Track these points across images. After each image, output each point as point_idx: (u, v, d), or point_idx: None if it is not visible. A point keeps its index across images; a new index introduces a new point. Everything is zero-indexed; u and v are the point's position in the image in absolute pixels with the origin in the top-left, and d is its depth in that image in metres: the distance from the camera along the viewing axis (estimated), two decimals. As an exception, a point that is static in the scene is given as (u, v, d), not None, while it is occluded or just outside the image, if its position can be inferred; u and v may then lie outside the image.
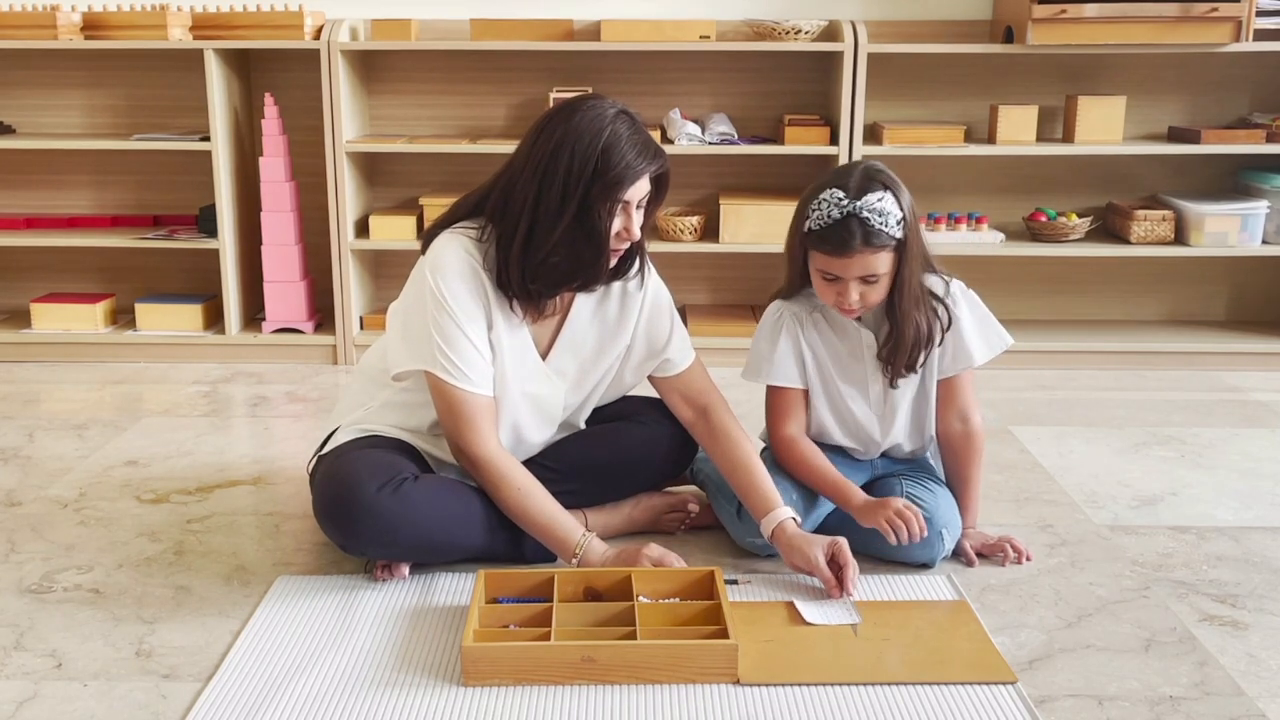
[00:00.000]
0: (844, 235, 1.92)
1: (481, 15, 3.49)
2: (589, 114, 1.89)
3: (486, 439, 1.97)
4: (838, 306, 2.02)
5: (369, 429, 2.10)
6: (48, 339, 3.55)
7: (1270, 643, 1.85)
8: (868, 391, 2.13)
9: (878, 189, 1.94)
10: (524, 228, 1.91)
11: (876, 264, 1.95)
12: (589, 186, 1.87)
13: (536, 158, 1.90)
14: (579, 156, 1.87)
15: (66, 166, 3.71)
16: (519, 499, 1.98)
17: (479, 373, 1.96)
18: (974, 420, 2.13)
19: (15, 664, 1.78)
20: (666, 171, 1.97)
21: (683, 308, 3.74)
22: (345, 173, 3.43)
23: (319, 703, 1.66)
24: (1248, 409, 3.10)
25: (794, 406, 2.15)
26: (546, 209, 1.89)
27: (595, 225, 1.89)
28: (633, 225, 1.94)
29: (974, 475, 2.16)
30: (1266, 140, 3.37)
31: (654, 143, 1.94)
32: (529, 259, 1.93)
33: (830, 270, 1.98)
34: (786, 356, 2.12)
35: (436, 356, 1.94)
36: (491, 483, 1.99)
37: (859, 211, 1.91)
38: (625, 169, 1.87)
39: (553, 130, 1.90)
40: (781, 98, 3.62)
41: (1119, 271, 3.73)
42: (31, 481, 2.55)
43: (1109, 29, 3.23)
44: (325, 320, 3.62)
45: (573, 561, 1.97)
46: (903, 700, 1.67)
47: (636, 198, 1.93)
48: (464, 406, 1.96)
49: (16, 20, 3.37)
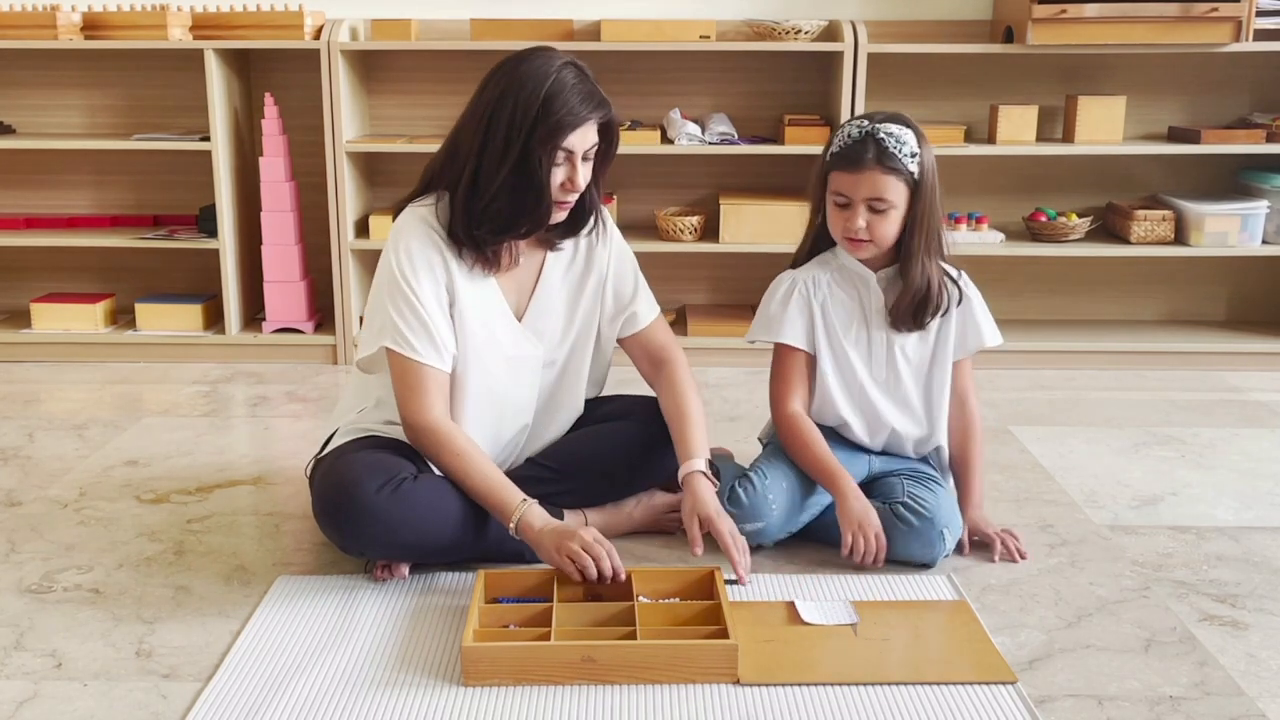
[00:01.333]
0: (858, 151, 2.01)
1: (481, 15, 3.49)
2: (535, 62, 1.92)
3: (429, 407, 1.96)
4: (846, 236, 2.06)
5: (368, 429, 2.10)
6: (48, 339, 3.55)
7: (1270, 643, 1.85)
8: (873, 357, 2.15)
9: (899, 123, 2.03)
10: (468, 174, 1.94)
11: (885, 186, 2.00)
12: (531, 132, 1.89)
13: (481, 105, 1.94)
14: (522, 102, 1.89)
15: (66, 166, 3.71)
16: (458, 464, 1.96)
17: (427, 344, 1.96)
18: (970, 402, 2.20)
19: (15, 664, 1.78)
20: (612, 122, 1.98)
21: (682, 308, 3.75)
22: (345, 173, 3.43)
23: (319, 703, 1.66)
24: (1248, 409, 3.10)
25: (799, 374, 2.16)
26: (490, 155, 1.92)
27: (536, 171, 1.91)
28: (577, 176, 1.95)
29: (974, 458, 2.21)
30: (1266, 140, 3.37)
31: (599, 93, 1.95)
32: (473, 205, 1.95)
33: (842, 190, 2.03)
34: (796, 317, 2.14)
35: (389, 331, 1.96)
36: (432, 449, 1.97)
37: (876, 133, 2.01)
38: (567, 114, 1.89)
39: (499, 79, 1.93)
40: (781, 98, 3.62)
41: (1119, 271, 3.73)
42: (31, 481, 2.55)
43: (1109, 29, 3.23)
44: (325, 320, 3.62)
45: (510, 527, 1.93)
46: (903, 700, 1.67)
47: (581, 148, 1.94)
48: (410, 375, 1.96)
49: (16, 20, 3.37)
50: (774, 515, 2.11)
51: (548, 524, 1.93)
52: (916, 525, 2.07)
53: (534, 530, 1.92)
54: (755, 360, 3.46)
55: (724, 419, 2.97)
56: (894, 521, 2.08)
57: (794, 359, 2.16)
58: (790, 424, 2.15)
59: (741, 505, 2.11)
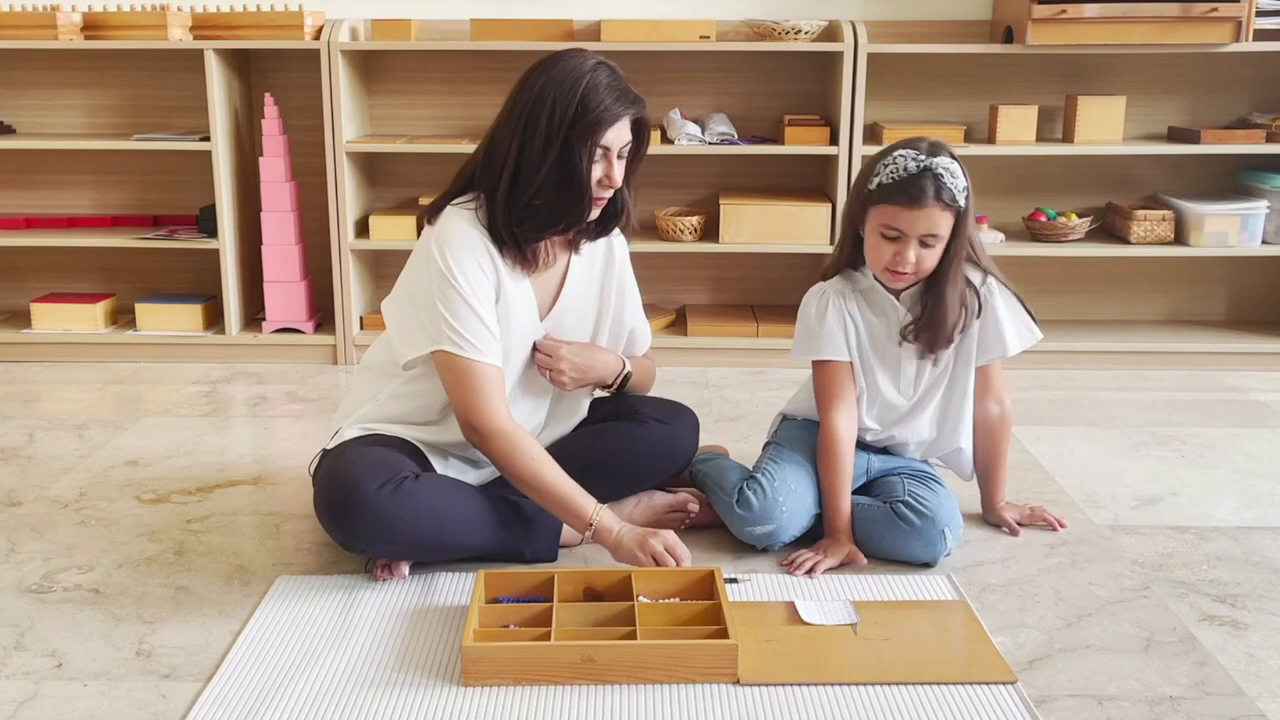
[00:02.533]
0: (920, 185, 1.98)
1: (481, 15, 3.49)
2: (570, 63, 1.96)
3: (496, 409, 1.97)
4: (891, 269, 2.04)
5: (372, 427, 2.10)
6: (48, 339, 3.55)
7: (1270, 643, 1.85)
8: (902, 375, 2.15)
9: (946, 155, 2.02)
10: (508, 174, 1.96)
11: (940, 223, 2.00)
12: (570, 130, 1.93)
13: (519, 106, 1.97)
14: (560, 102, 1.93)
15: (66, 166, 3.71)
16: (533, 468, 1.96)
17: (486, 343, 1.97)
18: (1007, 402, 2.23)
19: (15, 664, 1.78)
20: (646, 119, 2.03)
21: (682, 308, 3.75)
22: (345, 173, 3.43)
23: (319, 703, 1.66)
24: (1248, 409, 3.10)
25: (844, 381, 2.15)
26: (529, 155, 1.94)
27: (576, 168, 1.94)
28: (614, 173, 1.99)
29: (1006, 452, 2.26)
30: (1266, 140, 3.37)
31: (632, 90, 1.99)
32: (513, 204, 1.97)
33: (896, 225, 2.01)
34: (836, 330, 2.13)
35: (445, 332, 1.95)
36: (504, 454, 1.97)
37: (934, 168, 1.98)
38: (604, 111, 1.93)
39: (535, 80, 1.97)
40: (781, 98, 3.62)
41: (1119, 271, 3.73)
42: (31, 481, 2.55)
43: (1109, 29, 3.23)
44: (325, 320, 3.62)
45: (586, 534, 1.96)
46: (903, 700, 1.67)
47: (617, 145, 1.97)
48: (472, 377, 1.96)
49: (16, 20, 3.37)
50: (784, 518, 2.11)
51: (623, 526, 1.97)
52: (918, 524, 2.07)
53: (612, 534, 1.95)
54: (755, 360, 3.46)
55: (724, 419, 2.97)
56: (895, 521, 2.09)
57: (840, 369, 2.14)
58: (834, 437, 2.12)
59: (752, 508, 2.11)
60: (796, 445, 2.22)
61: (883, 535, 2.10)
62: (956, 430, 2.19)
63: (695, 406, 2.40)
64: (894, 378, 2.16)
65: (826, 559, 2.06)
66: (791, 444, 2.23)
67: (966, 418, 2.19)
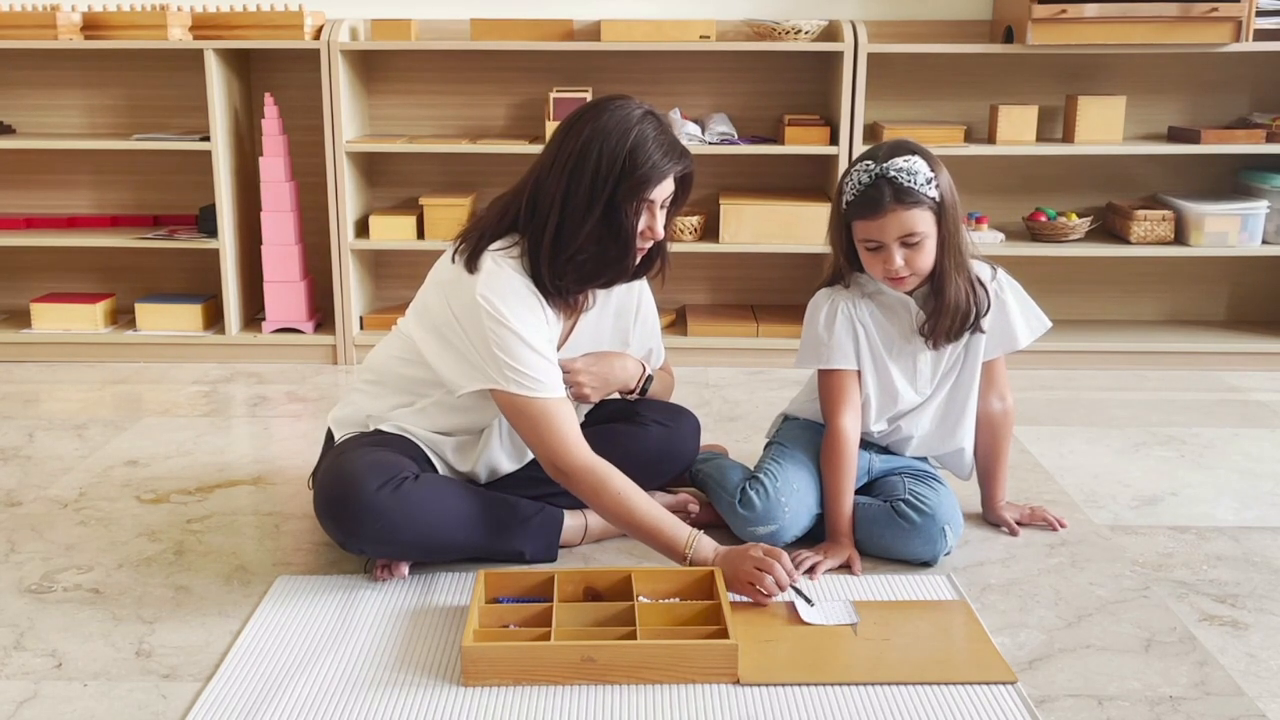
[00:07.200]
0: (877, 194, 1.97)
1: (481, 15, 3.49)
2: (617, 114, 1.92)
3: (576, 446, 1.94)
4: (887, 278, 2.04)
5: (405, 428, 2.09)
6: (48, 339, 3.55)
7: (1270, 643, 1.85)
8: (919, 373, 2.15)
9: (904, 153, 2.00)
10: (552, 225, 1.92)
11: (913, 221, 1.98)
12: (616, 185, 1.89)
13: (564, 156, 1.91)
14: (606, 155, 1.88)
15: (66, 166, 3.71)
16: (622, 502, 1.93)
17: (550, 376, 1.94)
18: (1010, 399, 2.23)
19: (15, 664, 1.78)
20: (691, 172, 1.99)
21: (682, 308, 3.75)
22: (345, 173, 3.43)
23: (319, 703, 1.66)
24: (1248, 409, 3.10)
25: (850, 389, 2.14)
26: (574, 207, 1.90)
27: (622, 223, 1.91)
28: (656, 224, 1.96)
29: (1007, 450, 2.27)
30: (1266, 140, 3.37)
31: (679, 144, 1.96)
32: (557, 256, 1.93)
33: (870, 236, 2.01)
34: (845, 340, 2.12)
35: (505, 374, 1.91)
36: (591, 490, 1.94)
37: (886, 172, 1.97)
38: (652, 168, 1.89)
39: (580, 129, 1.91)
40: (781, 98, 3.62)
41: (1119, 271, 3.73)
42: (31, 481, 2.55)
43: (1109, 29, 3.23)
44: (325, 320, 3.62)
45: (685, 561, 1.93)
46: (903, 700, 1.67)
47: (661, 197, 1.95)
48: (546, 417, 1.92)
49: (16, 20, 3.37)
50: (787, 518, 2.11)
51: (718, 552, 1.94)
52: (918, 522, 2.07)
53: (710, 564, 1.92)
54: (755, 360, 3.46)
55: (724, 419, 2.97)
56: (895, 519, 2.09)
57: (846, 377, 2.14)
58: (839, 440, 2.12)
59: (754, 508, 2.11)
60: (799, 445, 2.22)
61: (883, 534, 2.10)
62: (958, 426, 2.19)
63: (695, 407, 2.40)
64: (910, 375, 2.15)
65: (827, 560, 2.06)
66: (794, 444, 2.23)
67: (969, 415, 2.19)
